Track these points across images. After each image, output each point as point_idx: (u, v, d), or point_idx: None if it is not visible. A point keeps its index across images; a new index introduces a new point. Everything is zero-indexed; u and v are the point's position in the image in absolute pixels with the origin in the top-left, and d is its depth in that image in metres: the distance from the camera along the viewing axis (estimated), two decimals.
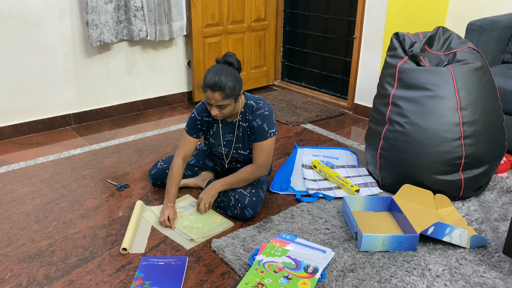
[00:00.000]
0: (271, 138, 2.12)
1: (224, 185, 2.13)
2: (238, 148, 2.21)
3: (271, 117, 2.13)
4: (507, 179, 2.50)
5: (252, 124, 2.12)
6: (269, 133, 2.11)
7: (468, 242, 1.92)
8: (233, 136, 2.19)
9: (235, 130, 2.19)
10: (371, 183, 2.46)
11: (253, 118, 2.12)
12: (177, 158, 2.18)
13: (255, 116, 2.12)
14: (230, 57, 2.02)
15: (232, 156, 2.25)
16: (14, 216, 2.17)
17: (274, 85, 4.48)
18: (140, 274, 1.75)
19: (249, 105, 2.15)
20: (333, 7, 3.86)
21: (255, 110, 2.13)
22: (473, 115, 2.13)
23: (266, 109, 2.12)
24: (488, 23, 2.68)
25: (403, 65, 2.26)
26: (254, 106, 2.14)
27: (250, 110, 2.14)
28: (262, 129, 2.10)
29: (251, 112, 2.13)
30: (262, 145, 2.11)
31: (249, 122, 2.14)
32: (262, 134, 2.10)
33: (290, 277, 1.70)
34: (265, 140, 2.10)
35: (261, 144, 2.11)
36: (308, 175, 2.56)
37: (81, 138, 3.15)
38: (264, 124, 2.10)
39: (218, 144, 2.23)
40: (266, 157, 2.12)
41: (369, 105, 3.58)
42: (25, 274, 1.78)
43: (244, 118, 2.15)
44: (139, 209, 2.18)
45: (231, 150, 2.23)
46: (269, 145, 2.12)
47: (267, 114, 2.12)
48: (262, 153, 2.11)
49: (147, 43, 3.58)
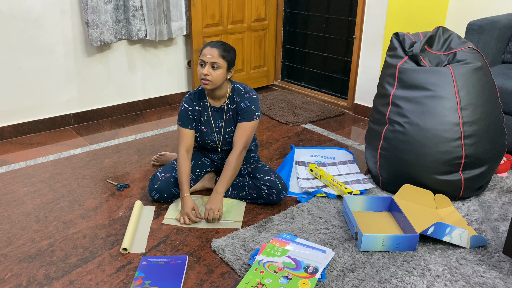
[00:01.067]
0: (256, 121, 2.22)
1: (224, 185, 2.15)
2: (230, 131, 2.27)
3: (258, 101, 2.24)
4: (507, 179, 2.50)
5: (240, 106, 2.20)
6: (256, 115, 2.21)
7: (468, 242, 1.92)
8: (222, 122, 2.25)
9: (224, 114, 2.24)
10: (363, 180, 2.47)
11: (241, 100, 2.21)
12: (181, 152, 2.21)
13: (243, 98, 2.21)
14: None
15: (225, 142, 2.29)
16: (14, 216, 2.18)
17: (274, 85, 4.48)
18: (140, 274, 1.76)
19: (236, 88, 2.23)
20: (333, 7, 3.86)
21: (243, 93, 2.22)
22: (473, 115, 2.13)
23: (253, 93, 2.24)
24: (488, 23, 2.68)
25: (403, 65, 2.26)
26: (241, 89, 2.23)
27: (237, 93, 2.22)
28: (250, 110, 2.20)
29: (238, 95, 2.22)
30: (246, 126, 2.19)
31: (237, 104, 2.21)
32: (249, 115, 2.19)
33: (290, 277, 1.70)
34: (251, 121, 2.19)
35: (246, 124, 2.19)
36: (301, 174, 2.56)
37: (81, 138, 3.15)
38: (252, 106, 2.20)
39: (211, 132, 2.27)
40: (247, 138, 2.20)
41: (369, 105, 3.58)
42: (25, 274, 1.78)
43: (232, 101, 2.23)
44: (139, 209, 2.18)
45: (223, 135, 2.27)
46: (252, 127, 2.20)
47: (255, 97, 2.23)
48: (244, 134, 2.19)
49: (148, 43, 3.58)
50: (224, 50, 2.07)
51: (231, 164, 2.16)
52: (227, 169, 2.16)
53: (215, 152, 2.37)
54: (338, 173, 2.59)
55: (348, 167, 2.66)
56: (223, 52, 2.07)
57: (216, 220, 2.11)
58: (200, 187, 2.40)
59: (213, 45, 2.08)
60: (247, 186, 2.26)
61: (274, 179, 2.25)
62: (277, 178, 2.25)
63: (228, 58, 2.09)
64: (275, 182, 2.24)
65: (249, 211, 2.23)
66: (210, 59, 2.05)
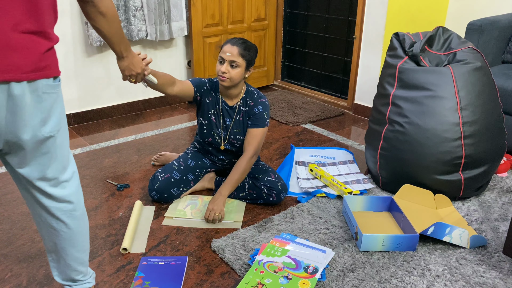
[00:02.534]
0: (266, 128, 2.23)
1: (229, 188, 2.15)
2: (237, 133, 2.26)
3: (269, 109, 2.25)
4: (507, 179, 2.50)
5: (253, 110, 2.20)
6: (267, 122, 2.22)
7: (468, 242, 1.92)
8: (231, 121, 2.24)
9: (235, 115, 2.24)
10: (363, 180, 2.47)
11: (254, 104, 2.20)
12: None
13: (257, 102, 2.20)
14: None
15: (228, 141, 2.28)
16: (14, 216, 2.18)
17: (274, 85, 4.48)
18: (140, 274, 1.76)
19: (250, 91, 2.23)
20: (333, 7, 3.86)
21: (256, 97, 2.22)
22: (473, 115, 2.13)
23: (266, 100, 2.24)
24: (488, 23, 2.68)
25: (403, 65, 2.26)
26: (255, 93, 2.23)
27: (251, 96, 2.21)
28: (262, 117, 2.20)
29: (252, 98, 2.21)
30: (257, 132, 2.19)
31: (250, 107, 2.21)
32: (261, 121, 2.20)
33: (290, 277, 1.70)
34: (262, 128, 2.20)
35: (257, 130, 2.19)
36: (301, 174, 2.56)
37: (81, 138, 3.15)
38: (264, 112, 2.20)
39: (219, 125, 2.25)
40: (258, 144, 2.20)
41: (369, 105, 3.58)
42: (25, 274, 1.78)
43: (245, 103, 2.22)
44: (139, 209, 2.18)
45: (228, 135, 2.27)
46: (263, 133, 2.21)
47: (267, 104, 2.24)
48: (255, 140, 2.19)
49: (148, 43, 3.58)
50: (245, 49, 2.06)
51: (239, 168, 2.15)
52: (234, 172, 2.15)
53: (216, 151, 2.37)
54: (338, 173, 2.59)
55: (348, 167, 2.66)
56: (243, 51, 2.05)
57: (217, 221, 2.11)
58: (200, 187, 2.40)
59: (233, 42, 2.06)
60: (247, 186, 2.26)
61: (274, 179, 2.25)
62: (277, 179, 2.25)
63: (248, 57, 2.07)
64: (275, 182, 2.24)
65: (249, 211, 2.23)
66: (229, 57, 2.04)
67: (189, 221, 2.13)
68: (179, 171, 2.29)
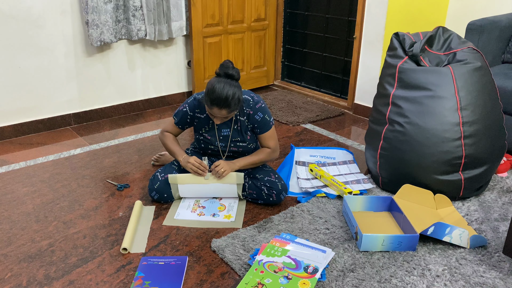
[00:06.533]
0: (273, 126, 2.29)
1: (244, 162, 2.23)
2: (237, 141, 2.26)
3: (267, 108, 2.26)
4: (507, 179, 2.50)
5: (254, 118, 2.21)
6: (271, 122, 2.26)
7: (468, 242, 1.92)
8: (229, 131, 2.24)
9: (232, 124, 2.23)
10: (363, 180, 2.47)
11: (254, 113, 2.21)
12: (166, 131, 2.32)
13: (255, 110, 2.21)
14: (230, 69, 2.04)
15: (229, 150, 2.28)
16: (14, 216, 2.18)
17: (274, 85, 4.48)
18: (140, 274, 1.76)
19: (245, 99, 2.21)
20: (333, 7, 3.86)
21: (252, 104, 2.21)
22: (473, 115, 2.13)
23: (262, 102, 2.25)
24: (488, 23, 2.68)
25: (403, 65, 2.26)
26: (250, 100, 2.22)
27: (247, 104, 2.21)
28: (265, 121, 2.23)
29: (249, 106, 2.20)
30: (268, 134, 2.26)
31: (249, 117, 2.21)
32: (266, 125, 2.24)
33: (290, 277, 1.70)
34: (270, 129, 2.26)
35: (267, 134, 2.25)
36: (301, 174, 2.56)
37: (81, 138, 3.15)
38: (265, 115, 2.23)
39: (214, 140, 2.26)
40: (276, 141, 2.30)
41: (369, 105, 3.58)
42: (25, 274, 1.78)
43: (242, 113, 2.21)
44: (139, 209, 2.18)
45: (229, 144, 2.26)
46: (273, 132, 2.28)
47: (264, 106, 2.25)
48: (270, 140, 2.27)
49: (148, 43, 3.58)
50: (232, 106, 2.03)
51: (260, 154, 2.26)
52: (254, 155, 2.26)
53: (216, 157, 2.37)
54: (338, 173, 2.59)
55: (348, 167, 2.66)
56: (232, 108, 2.04)
57: (220, 175, 2.16)
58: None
59: (220, 105, 2.00)
60: (247, 187, 2.26)
61: (274, 179, 2.25)
62: (277, 179, 2.26)
63: (237, 107, 2.07)
64: (275, 182, 2.24)
65: (249, 211, 2.24)
66: (220, 117, 2.09)
67: (189, 221, 2.14)
68: (179, 171, 2.29)
